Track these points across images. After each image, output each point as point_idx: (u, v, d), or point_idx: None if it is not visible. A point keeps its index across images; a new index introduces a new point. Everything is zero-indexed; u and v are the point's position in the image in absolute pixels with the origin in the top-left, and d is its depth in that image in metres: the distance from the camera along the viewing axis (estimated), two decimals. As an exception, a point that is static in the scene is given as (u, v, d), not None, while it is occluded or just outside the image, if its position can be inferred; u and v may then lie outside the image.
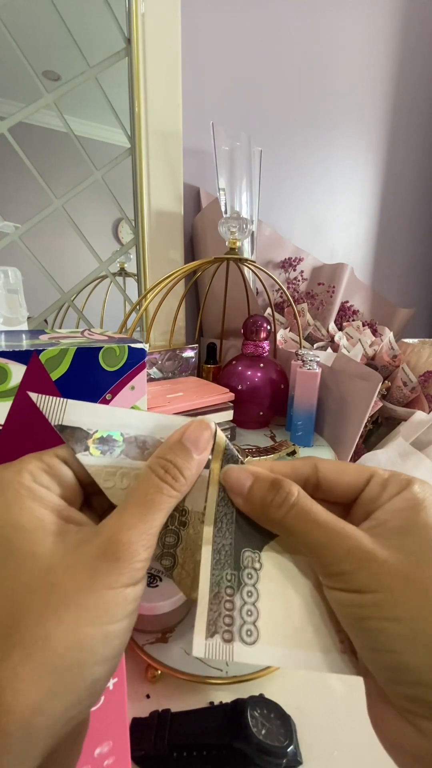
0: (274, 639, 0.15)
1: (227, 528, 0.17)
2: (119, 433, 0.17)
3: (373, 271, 1.08)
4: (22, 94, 0.52)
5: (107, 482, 0.17)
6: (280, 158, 0.82)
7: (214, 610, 0.16)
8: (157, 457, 0.16)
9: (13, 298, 0.39)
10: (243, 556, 0.17)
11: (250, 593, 0.16)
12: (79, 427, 0.17)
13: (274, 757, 0.29)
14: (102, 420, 0.17)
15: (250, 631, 0.15)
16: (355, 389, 0.50)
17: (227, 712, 0.33)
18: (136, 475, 0.17)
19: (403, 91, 0.97)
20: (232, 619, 0.16)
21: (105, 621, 0.13)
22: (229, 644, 0.15)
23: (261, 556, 0.17)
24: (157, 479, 0.15)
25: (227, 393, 0.50)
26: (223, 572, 0.16)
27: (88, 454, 0.16)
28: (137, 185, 0.62)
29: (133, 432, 0.17)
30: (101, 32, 0.56)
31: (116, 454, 0.17)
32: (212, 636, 0.15)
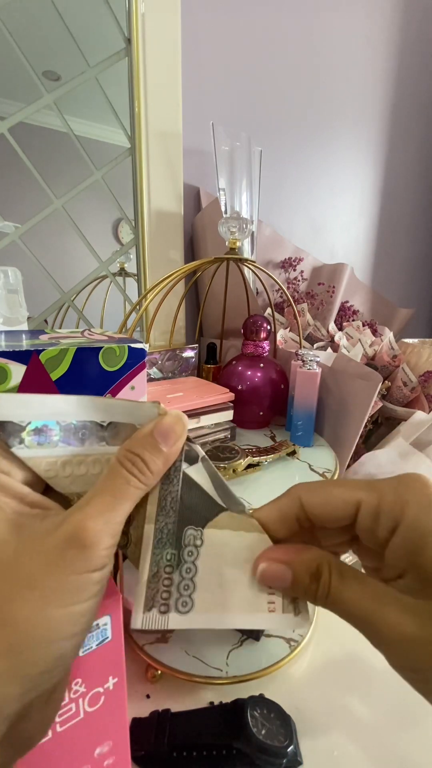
0: (205, 606, 0.17)
1: (171, 507, 0.17)
2: (54, 422, 0.17)
3: (373, 271, 1.08)
4: (22, 94, 0.52)
5: (48, 472, 0.16)
6: (280, 158, 0.82)
7: (152, 588, 0.17)
8: (126, 450, 0.16)
9: (13, 298, 0.39)
10: (185, 534, 0.17)
11: (188, 570, 0.17)
12: (10, 420, 0.16)
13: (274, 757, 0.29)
14: (34, 410, 0.17)
15: (185, 602, 0.17)
16: (355, 389, 0.50)
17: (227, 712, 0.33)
18: (78, 462, 0.17)
19: (402, 91, 0.97)
20: (169, 593, 0.17)
21: (70, 602, 0.14)
22: (165, 615, 0.16)
23: (203, 533, 0.17)
24: (124, 471, 0.16)
25: (227, 393, 0.50)
26: (164, 551, 0.17)
27: (24, 447, 0.16)
28: (137, 185, 0.62)
29: (71, 419, 0.17)
30: (101, 32, 0.56)
31: (54, 444, 0.17)
32: (149, 610, 0.16)
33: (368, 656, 0.41)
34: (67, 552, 0.14)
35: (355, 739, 0.34)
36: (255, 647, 0.41)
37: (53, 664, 0.13)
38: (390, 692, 0.37)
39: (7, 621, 0.13)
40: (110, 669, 0.25)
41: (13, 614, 0.13)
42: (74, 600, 0.14)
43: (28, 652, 0.13)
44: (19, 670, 0.13)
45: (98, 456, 0.17)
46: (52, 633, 0.13)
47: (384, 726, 0.35)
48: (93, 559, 0.14)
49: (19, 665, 0.13)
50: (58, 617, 0.13)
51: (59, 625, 0.13)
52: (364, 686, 0.38)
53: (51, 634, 0.13)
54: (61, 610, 0.13)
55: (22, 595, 0.13)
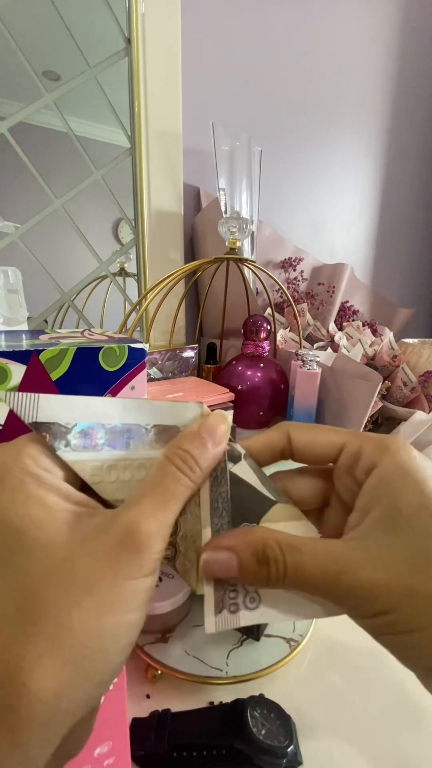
0: (271, 599, 0.16)
1: (223, 507, 0.17)
2: (100, 425, 0.16)
3: (373, 271, 1.08)
4: (22, 94, 0.52)
5: (94, 477, 0.16)
6: (280, 158, 0.82)
7: (219, 590, 0.16)
8: (175, 447, 0.16)
9: (13, 298, 0.39)
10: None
11: None
12: (55, 422, 0.16)
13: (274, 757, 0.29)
14: (79, 412, 0.16)
15: (252, 599, 0.16)
16: (355, 389, 0.50)
17: (227, 712, 0.33)
18: (124, 467, 0.16)
19: (403, 91, 0.97)
20: (236, 592, 0.16)
21: (125, 610, 0.13)
22: (236, 614, 0.16)
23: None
24: (174, 469, 0.15)
25: (227, 393, 0.50)
26: None
27: (70, 450, 0.16)
28: (137, 185, 0.62)
29: (116, 422, 0.17)
30: (101, 32, 0.56)
31: (99, 448, 0.16)
32: (220, 612, 0.16)
33: (368, 656, 0.41)
34: (121, 555, 0.13)
35: (355, 739, 0.34)
36: (255, 647, 0.41)
37: (107, 677, 0.13)
38: (390, 692, 0.37)
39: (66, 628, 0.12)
40: (110, 669, 0.25)
41: (71, 621, 0.12)
42: (128, 608, 0.13)
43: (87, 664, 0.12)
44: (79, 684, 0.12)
45: (143, 461, 0.17)
46: (108, 644, 0.12)
47: (384, 726, 0.35)
48: (146, 563, 0.13)
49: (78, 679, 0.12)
50: (114, 626, 0.12)
51: (116, 635, 0.12)
52: (364, 686, 0.38)
53: (107, 645, 0.12)
54: (116, 618, 0.12)
55: (79, 601, 0.12)
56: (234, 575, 0.16)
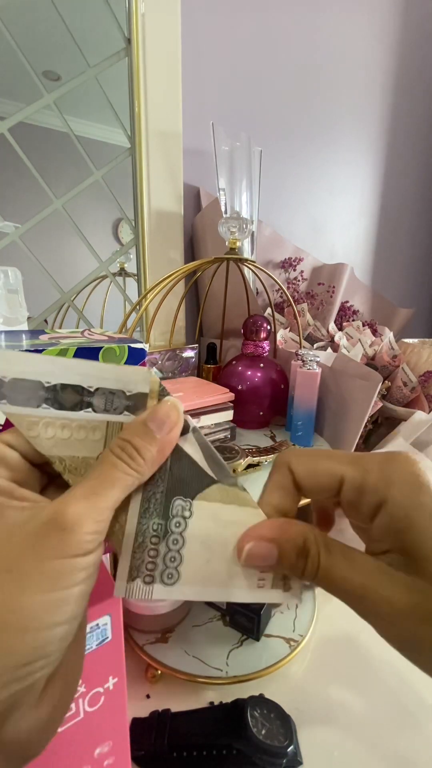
0: (192, 579, 0.16)
1: (159, 476, 0.17)
2: (39, 381, 0.16)
3: (373, 271, 1.08)
4: (22, 94, 0.52)
5: (30, 432, 0.16)
6: (280, 158, 0.82)
7: (137, 558, 0.16)
8: (118, 437, 0.16)
9: (13, 298, 0.39)
10: (173, 505, 0.17)
11: (175, 541, 0.17)
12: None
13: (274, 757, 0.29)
14: (18, 367, 0.16)
15: (170, 575, 0.16)
16: (355, 389, 0.50)
17: (227, 712, 0.33)
18: (62, 426, 0.17)
19: (402, 90, 0.97)
20: (155, 564, 0.16)
21: (49, 588, 0.13)
22: (149, 585, 0.16)
23: (192, 504, 0.17)
24: (112, 457, 0.16)
25: (227, 393, 0.50)
26: (150, 521, 0.17)
27: (6, 403, 0.16)
28: (137, 185, 0.62)
29: (56, 381, 0.17)
30: (101, 32, 0.56)
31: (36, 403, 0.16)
32: (133, 579, 0.16)
33: (368, 656, 0.41)
34: (46, 536, 0.13)
35: (355, 739, 0.34)
36: (255, 647, 0.41)
37: (32, 655, 0.13)
38: (390, 692, 0.37)
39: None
40: (110, 669, 0.25)
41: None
42: (54, 586, 0.13)
43: (7, 640, 0.12)
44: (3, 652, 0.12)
45: (84, 422, 0.17)
46: (29, 621, 0.13)
47: (384, 726, 0.35)
48: (74, 543, 0.13)
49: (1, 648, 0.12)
50: (36, 604, 0.13)
51: (37, 612, 0.13)
52: (364, 686, 0.38)
53: (28, 622, 0.13)
54: (38, 596, 0.13)
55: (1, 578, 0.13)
56: (272, 565, 0.16)
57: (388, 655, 0.38)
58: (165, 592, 0.16)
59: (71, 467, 0.16)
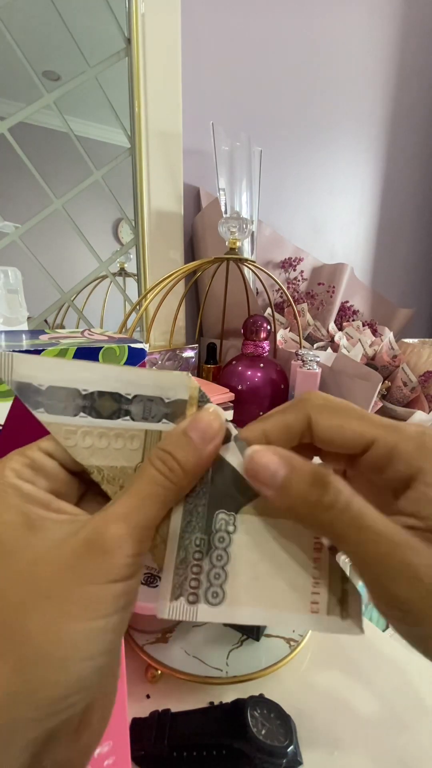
0: (239, 600, 0.15)
1: (201, 488, 0.16)
2: (75, 389, 0.16)
3: (373, 271, 1.08)
4: (22, 94, 0.52)
5: (68, 441, 0.16)
6: (280, 158, 0.82)
7: (180, 575, 0.15)
8: (158, 448, 0.15)
9: (13, 298, 0.39)
10: (216, 519, 0.16)
11: (219, 557, 0.16)
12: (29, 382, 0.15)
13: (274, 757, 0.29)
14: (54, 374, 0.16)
15: (216, 593, 0.15)
16: (355, 389, 0.50)
17: (227, 712, 0.33)
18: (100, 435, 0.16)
19: (403, 90, 0.97)
20: (199, 582, 0.15)
21: (89, 616, 0.12)
22: (194, 606, 0.15)
23: (236, 518, 0.16)
24: (152, 470, 0.15)
25: (227, 393, 0.50)
26: (193, 536, 0.16)
27: (43, 412, 0.15)
28: (137, 185, 0.62)
29: (93, 388, 0.16)
30: (101, 32, 0.56)
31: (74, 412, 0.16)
32: (176, 599, 0.15)
33: (368, 656, 0.41)
34: (86, 558, 0.12)
35: (355, 739, 0.34)
36: (255, 647, 0.41)
37: (72, 688, 0.12)
38: (390, 692, 0.37)
39: (20, 633, 0.11)
40: (110, 669, 0.25)
41: (27, 626, 0.12)
42: (93, 614, 0.12)
43: (43, 671, 0.11)
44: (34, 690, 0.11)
45: (121, 431, 0.16)
46: (68, 651, 0.12)
47: (384, 726, 0.35)
48: (114, 567, 0.12)
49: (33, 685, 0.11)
50: (75, 633, 0.12)
51: (77, 642, 0.12)
52: (364, 686, 0.38)
53: (67, 652, 0.12)
54: (79, 624, 0.12)
55: (37, 605, 0.12)
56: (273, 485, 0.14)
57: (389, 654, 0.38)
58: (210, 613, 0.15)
59: (109, 477, 0.16)
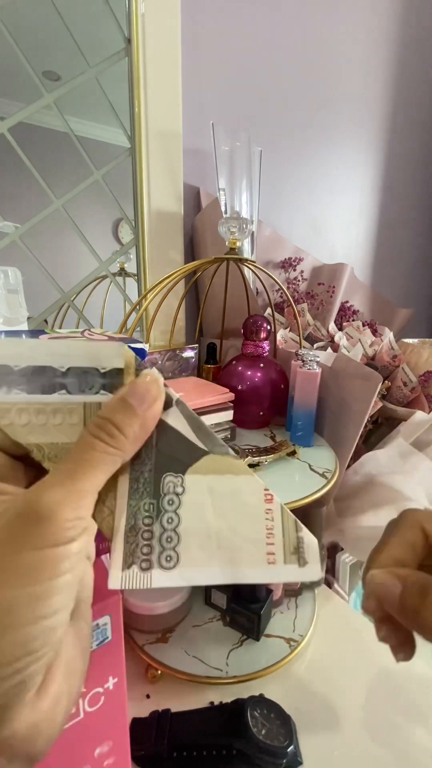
0: (193, 561, 0.15)
1: (146, 454, 0.16)
2: (8, 366, 0.15)
3: (373, 271, 1.08)
4: (22, 94, 0.52)
5: (3, 419, 0.15)
6: (280, 158, 0.82)
7: (131, 542, 0.15)
8: (96, 416, 0.15)
9: (13, 298, 0.39)
10: (164, 482, 0.16)
11: (170, 520, 0.16)
12: None
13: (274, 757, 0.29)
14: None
15: (169, 557, 0.15)
16: (355, 389, 0.50)
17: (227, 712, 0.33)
18: (37, 411, 0.16)
19: (402, 90, 0.97)
20: (151, 547, 0.15)
21: (28, 582, 0.12)
22: (147, 572, 0.15)
23: (184, 480, 0.16)
24: (89, 436, 0.15)
25: (227, 393, 0.50)
26: (141, 502, 0.16)
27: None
28: (137, 185, 0.62)
29: (27, 363, 0.16)
30: (101, 32, 0.56)
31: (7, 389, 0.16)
32: (129, 567, 0.15)
33: (368, 656, 0.41)
34: (22, 526, 0.13)
35: (355, 739, 0.34)
36: (255, 647, 0.41)
37: (17, 653, 0.12)
38: (390, 692, 0.37)
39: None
40: (110, 669, 0.25)
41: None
42: (34, 579, 0.12)
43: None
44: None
45: (58, 405, 0.16)
46: (8, 618, 0.12)
47: (384, 726, 0.35)
48: (52, 532, 0.13)
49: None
50: (14, 599, 0.12)
51: (16, 607, 0.12)
52: (364, 686, 0.38)
53: (7, 619, 0.12)
54: (16, 591, 0.12)
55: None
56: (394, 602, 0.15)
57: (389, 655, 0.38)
58: (165, 578, 0.15)
59: (50, 455, 0.16)
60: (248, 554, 0.15)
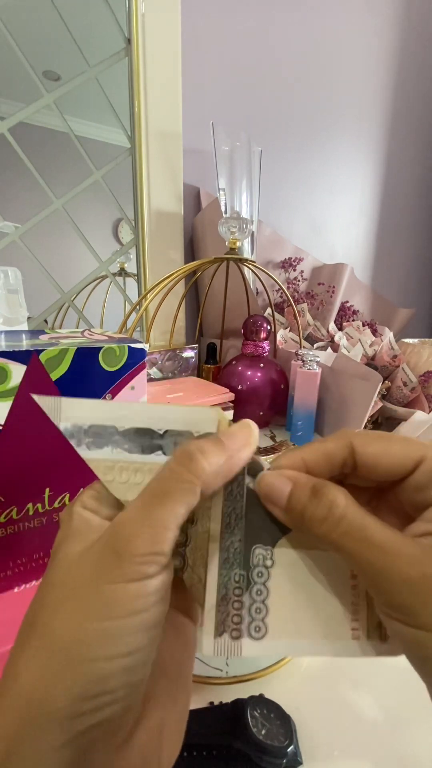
0: (281, 633, 0.16)
1: (236, 524, 0.16)
2: (114, 426, 0.17)
3: (373, 271, 1.08)
4: (22, 94, 0.52)
5: (106, 476, 0.16)
6: (280, 158, 0.82)
7: (222, 611, 0.16)
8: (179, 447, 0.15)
9: (13, 298, 0.39)
10: (254, 554, 0.16)
11: (259, 591, 0.16)
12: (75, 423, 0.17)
13: (274, 757, 0.29)
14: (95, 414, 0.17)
15: (258, 627, 0.16)
16: (355, 389, 0.50)
17: (227, 712, 0.33)
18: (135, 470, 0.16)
19: (402, 90, 0.97)
20: (241, 617, 0.16)
21: (106, 616, 0.12)
22: (238, 641, 0.15)
23: (273, 552, 0.16)
24: (169, 463, 0.14)
25: (227, 393, 0.50)
26: (232, 572, 0.16)
27: (85, 449, 0.16)
28: (137, 185, 0.62)
29: (130, 425, 0.17)
30: (101, 32, 0.56)
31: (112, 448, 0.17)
32: (220, 635, 0.16)
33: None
34: (103, 559, 0.13)
35: (356, 739, 0.34)
36: (255, 647, 0.41)
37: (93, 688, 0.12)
38: (390, 692, 0.37)
39: (49, 632, 0.12)
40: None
41: (54, 625, 0.12)
42: (109, 614, 0.12)
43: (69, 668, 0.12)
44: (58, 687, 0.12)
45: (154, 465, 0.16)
46: (84, 650, 0.12)
47: (384, 726, 0.35)
48: (129, 566, 0.12)
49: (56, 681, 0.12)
50: (91, 632, 0.12)
51: (91, 642, 0.12)
52: (365, 686, 0.38)
53: (84, 651, 0.12)
54: (95, 624, 0.12)
55: (64, 606, 0.12)
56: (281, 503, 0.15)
57: (388, 655, 0.38)
58: (254, 647, 0.15)
59: None
60: (333, 628, 0.16)
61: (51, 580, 0.13)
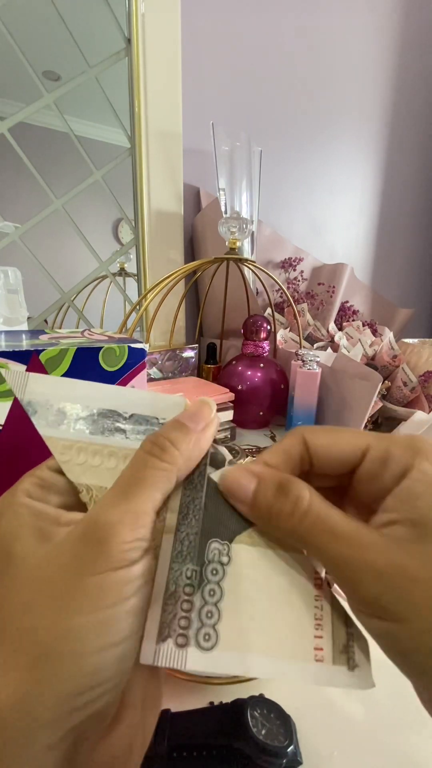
0: (233, 644, 0.14)
1: (194, 515, 0.15)
2: (78, 405, 0.16)
3: (373, 271, 1.08)
4: (22, 94, 0.52)
5: (63, 456, 0.16)
6: (280, 158, 0.82)
7: (168, 611, 0.14)
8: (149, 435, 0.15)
9: (13, 298, 0.39)
10: (209, 548, 0.15)
11: (212, 592, 0.14)
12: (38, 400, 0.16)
13: (274, 757, 0.29)
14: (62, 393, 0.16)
15: (207, 635, 0.14)
16: (355, 389, 0.50)
17: (227, 712, 0.33)
18: (94, 452, 0.16)
19: (402, 91, 0.97)
20: (189, 621, 0.14)
21: (94, 608, 0.12)
22: (183, 649, 0.13)
23: (231, 548, 0.15)
24: (142, 452, 0.15)
25: (227, 393, 0.50)
26: (184, 566, 0.14)
27: (46, 426, 0.16)
28: (137, 185, 0.62)
29: (95, 405, 0.16)
30: (101, 32, 0.56)
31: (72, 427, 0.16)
32: (164, 640, 0.14)
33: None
34: (83, 551, 0.12)
35: (356, 739, 0.34)
36: (255, 647, 0.41)
37: (88, 682, 0.12)
38: (391, 692, 0.37)
39: (28, 633, 0.12)
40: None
41: (33, 625, 0.12)
42: (99, 605, 0.12)
43: (53, 668, 0.11)
44: (47, 688, 0.11)
45: (115, 449, 0.16)
46: (75, 645, 0.12)
47: (384, 726, 0.35)
48: (112, 554, 0.12)
49: (45, 683, 0.11)
50: (82, 626, 0.12)
51: (85, 635, 0.12)
52: (364, 686, 0.38)
53: (75, 646, 0.12)
54: (84, 617, 0.12)
55: (42, 603, 0.12)
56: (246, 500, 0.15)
57: (388, 655, 0.38)
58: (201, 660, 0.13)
59: (97, 497, 0.15)
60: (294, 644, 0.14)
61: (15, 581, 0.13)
